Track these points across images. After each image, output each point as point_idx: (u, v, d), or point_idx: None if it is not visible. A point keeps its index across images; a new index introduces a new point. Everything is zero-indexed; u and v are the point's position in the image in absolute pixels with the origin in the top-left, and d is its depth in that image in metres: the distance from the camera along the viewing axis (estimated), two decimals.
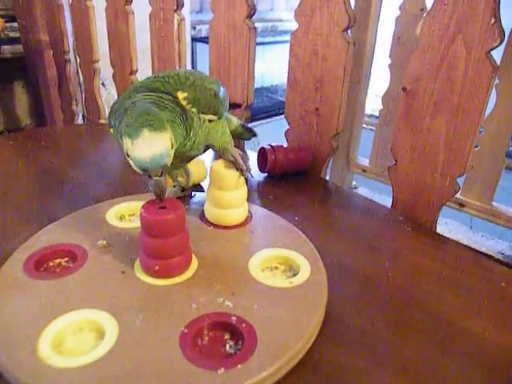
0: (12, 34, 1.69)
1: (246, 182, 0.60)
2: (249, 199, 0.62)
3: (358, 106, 1.27)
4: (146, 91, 0.53)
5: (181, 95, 0.54)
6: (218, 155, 0.61)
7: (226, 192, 0.57)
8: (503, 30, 0.57)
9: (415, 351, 0.45)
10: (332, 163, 1.48)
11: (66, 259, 0.53)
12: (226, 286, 0.48)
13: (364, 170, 1.99)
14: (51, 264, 0.53)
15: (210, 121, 0.57)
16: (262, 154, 0.78)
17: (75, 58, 1.53)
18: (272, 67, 2.69)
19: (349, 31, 0.72)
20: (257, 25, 0.87)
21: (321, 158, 0.82)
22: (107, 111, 1.47)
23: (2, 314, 0.44)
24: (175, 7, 1.02)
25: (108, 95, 1.94)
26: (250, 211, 0.62)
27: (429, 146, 0.68)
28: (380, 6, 1.67)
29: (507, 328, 0.48)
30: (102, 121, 1.40)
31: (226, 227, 0.58)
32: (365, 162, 1.98)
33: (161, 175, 0.47)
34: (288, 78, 0.82)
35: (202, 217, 0.60)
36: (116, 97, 1.34)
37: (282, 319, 0.45)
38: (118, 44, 1.19)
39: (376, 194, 1.94)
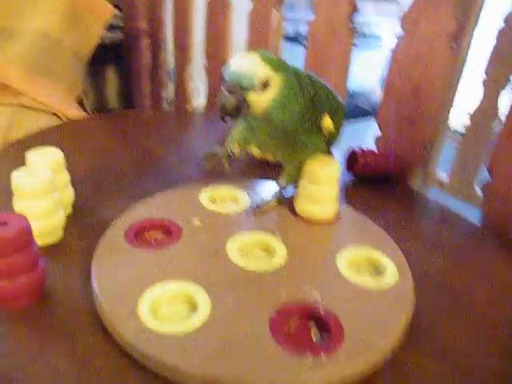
0: (112, 22, 1.78)
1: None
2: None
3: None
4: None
5: (327, 120, 0.55)
6: None
7: (318, 187, 0.57)
8: None
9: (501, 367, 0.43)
10: None
11: (160, 232, 0.56)
12: (314, 277, 0.49)
13: (441, 185, 1.92)
14: (147, 236, 0.56)
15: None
16: (352, 156, 0.78)
17: (168, 48, 1.59)
18: (354, 71, 2.67)
19: (456, 41, 0.71)
20: None
21: (410, 167, 0.80)
22: (193, 100, 1.52)
23: (105, 273, 0.48)
24: (276, 4, 1.04)
25: (192, 84, 1.99)
26: (338, 209, 0.62)
27: None
28: (478, 17, 1.59)
29: None
30: (188, 107, 1.45)
31: (314, 221, 0.59)
32: (443, 176, 1.91)
33: (237, 109, 0.47)
34: (385, 83, 0.82)
35: (292, 209, 0.61)
36: (200, 86, 1.38)
37: (368, 318, 0.45)
38: (215, 36, 1.23)
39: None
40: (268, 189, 0.65)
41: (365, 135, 2.36)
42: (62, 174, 0.60)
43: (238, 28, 1.20)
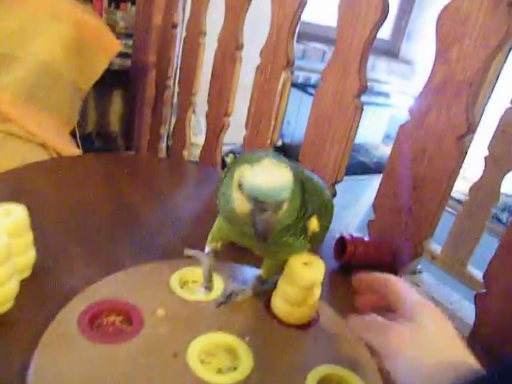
0: (124, 50, 1.77)
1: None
2: None
3: None
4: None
5: (313, 222, 0.50)
6: None
7: (299, 290, 0.52)
8: None
9: None
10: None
11: (120, 318, 0.51)
12: None
13: (433, 257, 1.87)
14: (105, 320, 0.50)
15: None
16: (341, 242, 0.73)
17: (174, 85, 1.57)
18: (361, 125, 2.65)
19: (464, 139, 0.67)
20: None
21: (402, 260, 0.76)
22: (193, 139, 1.49)
23: (45, 372, 0.42)
24: (285, 64, 1.02)
25: (195, 122, 1.97)
26: (317, 309, 0.57)
27: None
28: (488, 98, 1.59)
29: None
30: (185, 152, 1.42)
31: (289, 325, 0.54)
32: (436, 248, 1.86)
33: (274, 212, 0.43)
34: (386, 168, 0.78)
35: (267, 306, 0.56)
36: (203, 127, 1.35)
37: None
38: (219, 85, 1.20)
39: (441, 285, 1.81)
40: (245, 276, 0.60)
41: (362, 193, 2.33)
42: (25, 236, 0.55)
43: (245, 77, 1.17)
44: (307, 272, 0.52)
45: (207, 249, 0.58)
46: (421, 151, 0.72)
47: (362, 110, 0.82)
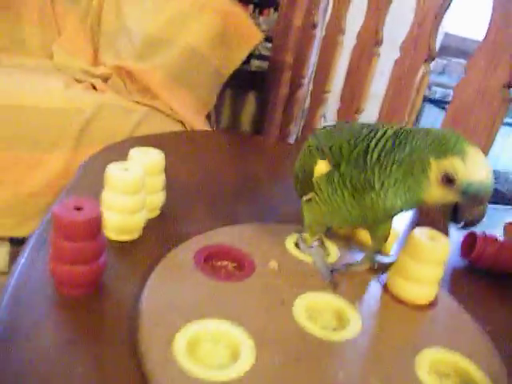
0: (263, 52, 1.84)
1: None
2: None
3: None
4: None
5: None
6: None
7: (422, 265, 0.49)
8: None
9: None
10: None
11: (233, 264, 0.52)
12: (383, 371, 0.41)
13: None
14: (219, 263, 0.52)
15: None
16: (470, 239, 0.67)
17: (308, 85, 1.59)
18: (501, 150, 2.43)
19: None
20: None
21: None
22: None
23: (159, 290, 0.45)
24: (426, 58, 0.97)
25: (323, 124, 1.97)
26: (436, 294, 0.52)
27: None
28: None
29: None
30: None
31: (404, 302, 0.50)
32: None
33: None
34: None
35: (382, 281, 0.53)
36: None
37: None
38: (354, 81, 1.19)
39: None
40: (359, 250, 0.58)
41: (491, 224, 2.11)
42: (159, 177, 0.59)
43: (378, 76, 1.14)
44: (435, 246, 0.48)
45: (314, 243, 0.55)
46: None
47: (509, 103, 0.75)
